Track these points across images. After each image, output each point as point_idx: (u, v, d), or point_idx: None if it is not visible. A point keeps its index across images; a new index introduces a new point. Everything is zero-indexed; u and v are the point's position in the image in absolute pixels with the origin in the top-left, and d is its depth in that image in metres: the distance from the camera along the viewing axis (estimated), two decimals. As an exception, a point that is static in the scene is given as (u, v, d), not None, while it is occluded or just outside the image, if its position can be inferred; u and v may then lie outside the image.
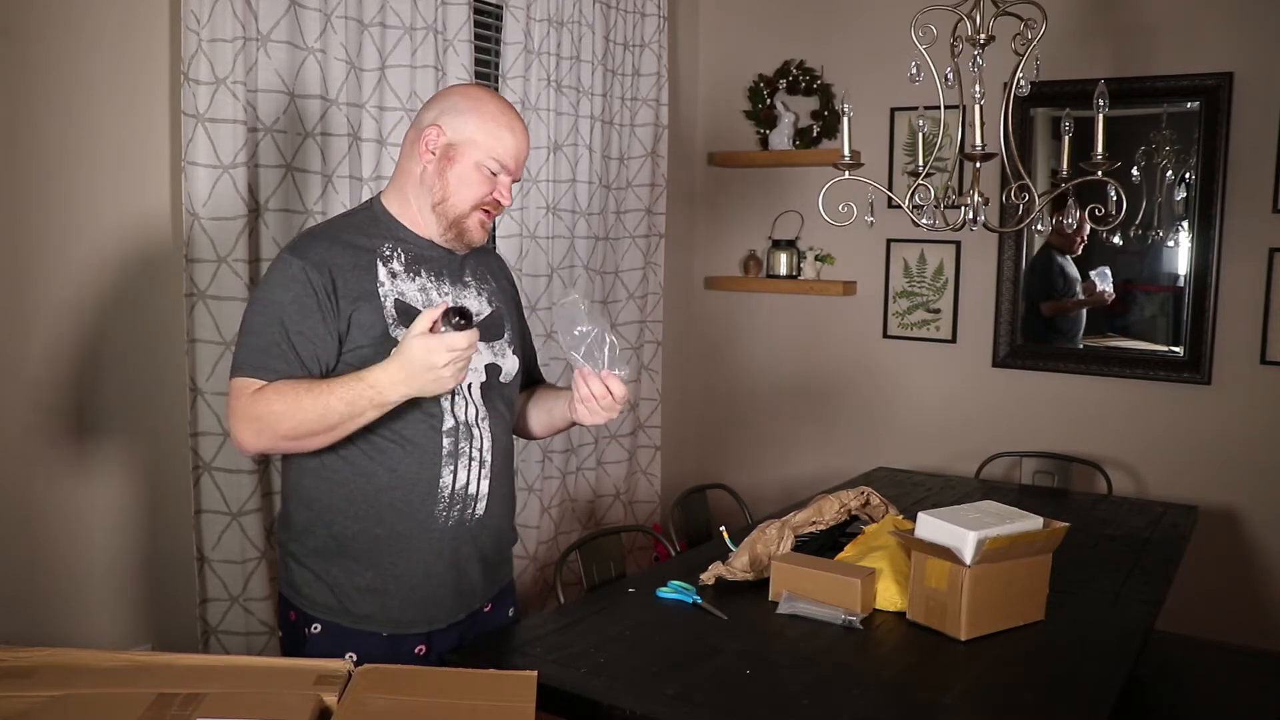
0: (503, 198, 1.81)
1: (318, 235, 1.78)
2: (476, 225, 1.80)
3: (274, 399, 1.63)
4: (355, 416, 1.64)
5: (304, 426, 1.63)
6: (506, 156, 1.78)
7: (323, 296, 1.69)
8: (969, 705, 1.75)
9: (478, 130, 1.77)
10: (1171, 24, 3.41)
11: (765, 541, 2.27)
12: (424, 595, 1.81)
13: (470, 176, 1.77)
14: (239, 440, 1.66)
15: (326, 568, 1.79)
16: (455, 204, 1.77)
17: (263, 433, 1.64)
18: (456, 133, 1.77)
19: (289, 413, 1.62)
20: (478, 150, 1.76)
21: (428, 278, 1.80)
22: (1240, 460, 3.40)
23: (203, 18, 2.37)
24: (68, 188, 2.27)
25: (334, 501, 1.77)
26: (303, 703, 1.37)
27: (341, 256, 1.73)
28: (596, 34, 3.56)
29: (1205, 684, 2.72)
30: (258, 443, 1.66)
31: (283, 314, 1.68)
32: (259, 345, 1.68)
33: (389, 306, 1.74)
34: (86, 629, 2.36)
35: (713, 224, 4.34)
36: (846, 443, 4.08)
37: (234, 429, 1.67)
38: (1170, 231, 3.49)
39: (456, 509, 1.81)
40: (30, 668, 1.43)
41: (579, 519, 3.74)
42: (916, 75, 2.33)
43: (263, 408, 1.63)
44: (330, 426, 1.64)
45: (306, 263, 1.70)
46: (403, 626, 1.81)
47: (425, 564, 1.80)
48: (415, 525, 1.78)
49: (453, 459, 1.79)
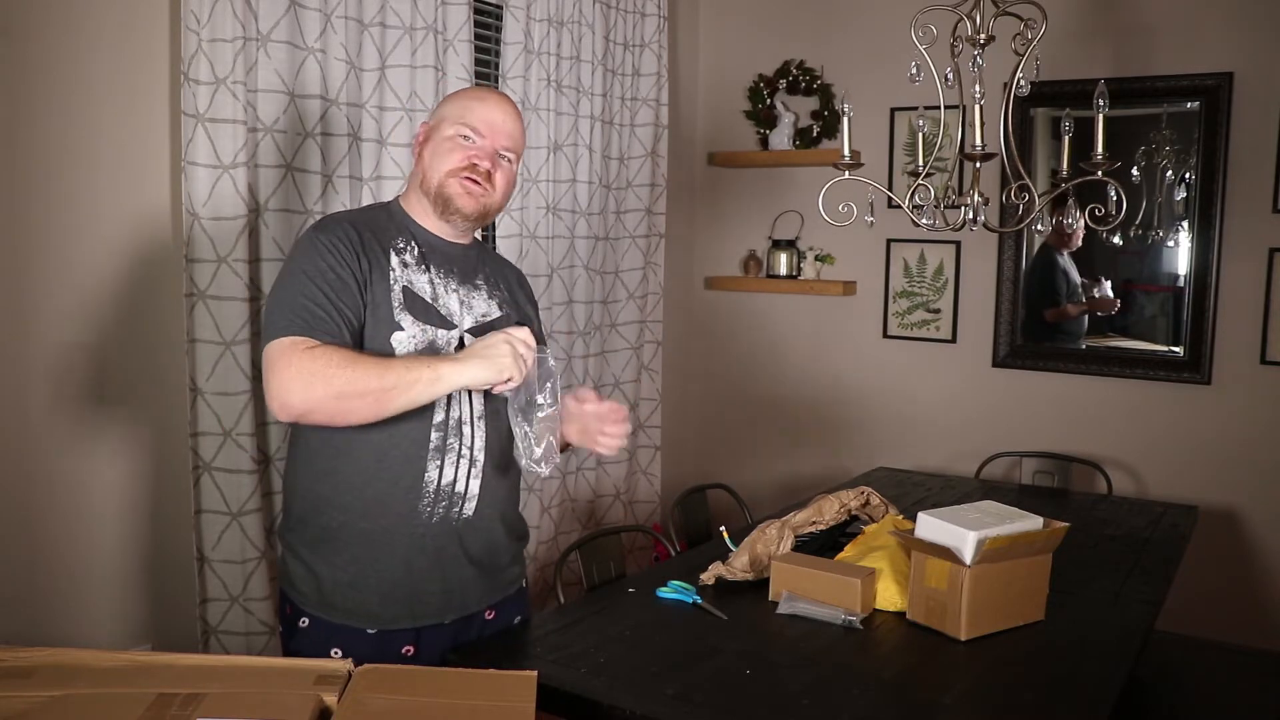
0: (479, 161, 1.82)
1: (339, 218, 1.83)
2: (460, 193, 1.82)
3: (334, 355, 1.62)
4: (410, 385, 1.63)
5: (358, 384, 1.60)
6: (476, 120, 1.83)
7: (353, 265, 1.73)
8: (969, 705, 1.75)
9: (448, 108, 1.87)
10: (1171, 24, 3.41)
11: (765, 541, 2.27)
12: (406, 592, 1.81)
13: (441, 147, 1.83)
14: (284, 395, 1.60)
15: (315, 560, 1.80)
16: (432, 175, 1.83)
17: (313, 386, 1.59)
18: (434, 118, 1.88)
19: (346, 368, 1.60)
20: (447, 124, 1.84)
21: (436, 273, 1.84)
22: (1240, 460, 3.40)
23: (203, 18, 2.37)
24: (68, 188, 2.27)
25: (324, 491, 1.79)
26: (303, 703, 1.37)
27: (362, 235, 1.78)
28: (596, 34, 3.56)
29: (1205, 684, 2.72)
30: (306, 396, 1.60)
31: (318, 280, 1.69)
32: (302, 306, 1.67)
33: (397, 291, 1.77)
34: (86, 629, 2.36)
35: (713, 224, 4.34)
36: (846, 443, 4.08)
37: (282, 383, 1.60)
38: (1170, 231, 3.49)
39: (442, 506, 1.80)
40: (30, 668, 1.43)
41: (579, 519, 3.74)
42: (916, 75, 2.33)
43: (320, 363, 1.60)
44: (384, 390, 1.62)
45: (334, 236, 1.74)
46: (386, 623, 1.80)
47: (407, 559, 1.79)
48: (398, 519, 1.78)
49: (440, 454, 1.79)
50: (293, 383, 1.60)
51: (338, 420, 1.66)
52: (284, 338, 1.64)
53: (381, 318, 1.74)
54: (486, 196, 1.84)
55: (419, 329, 1.78)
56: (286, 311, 1.67)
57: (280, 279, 1.75)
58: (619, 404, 1.89)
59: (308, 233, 1.79)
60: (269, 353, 1.65)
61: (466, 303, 1.86)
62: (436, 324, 1.80)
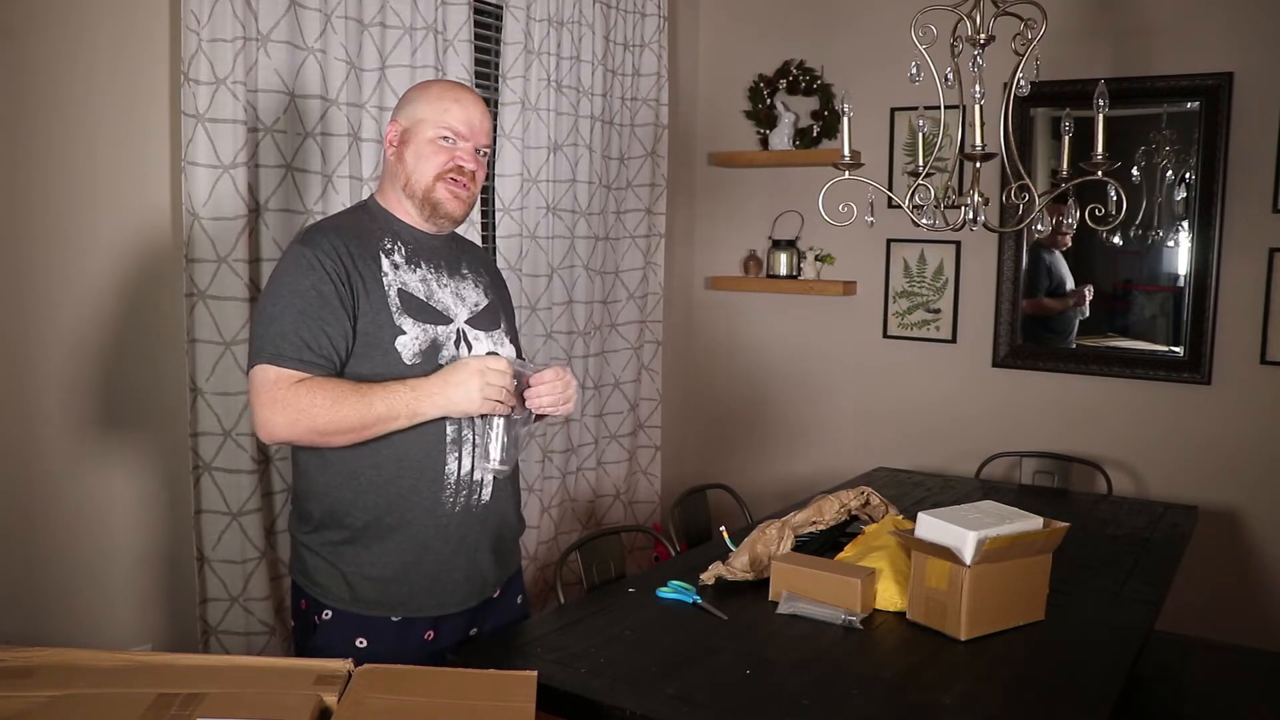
0: (464, 162, 1.86)
1: (324, 228, 1.83)
2: (447, 196, 1.86)
3: (318, 394, 1.68)
4: (390, 420, 1.72)
5: (341, 424, 1.69)
6: (456, 123, 1.85)
7: (339, 283, 1.75)
8: (969, 705, 1.75)
9: (424, 108, 1.87)
10: (1171, 24, 3.41)
11: (765, 541, 2.27)
12: (435, 581, 1.86)
13: (424, 150, 1.85)
14: (269, 427, 1.69)
15: (339, 556, 1.83)
16: (417, 180, 1.85)
17: (298, 424, 1.68)
18: (408, 118, 1.88)
19: (330, 410, 1.68)
20: (427, 126, 1.85)
21: (428, 269, 1.88)
22: (1240, 460, 3.40)
23: (203, 18, 2.37)
24: (68, 188, 2.27)
25: (344, 493, 1.81)
26: (303, 703, 1.37)
27: (349, 246, 1.79)
28: (596, 34, 3.56)
29: (1205, 684, 2.72)
30: (290, 433, 1.70)
31: (304, 302, 1.72)
32: (284, 333, 1.71)
33: (393, 295, 1.80)
34: (86, 629, 2.36)
35: (713, 224, 4.34)
36: (846, 443, 4.08)
37: (268, 416, 1.69)
38: (1170, 231, 3.49)
39: (463, 495, 1.85)
40: (30, 668, 1.44)
41: (579, 519, 3.74)
42: (916, 75, 2.33)
43: (305, 400, 1.68)
44: (365, 427, 1.71)
45: (320, 251, 1.76)
46: (413, 610, 1.86)
47: (435, 550, 1.85)
48: (424, 512, 1.83)
49: (456, 446, 1.83)
50: (278, 417, 1.69)
51: (320, 445, 1.75)
52: (270, 367, 1.70)
53: (383, 324, 1.77)
54: (470, 195, 1.89)
55: (420, 329, 1.81)
56: (274, 335, 1.72)
57: (268, 294, 1.77)
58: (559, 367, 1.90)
59: (294, 247, 1.79)
60: (254, 379, 1.72)
61: (459, 294, 1.91)
62: (435, 321, 1.84)
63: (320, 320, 1.72)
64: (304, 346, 1.71)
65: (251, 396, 1.73)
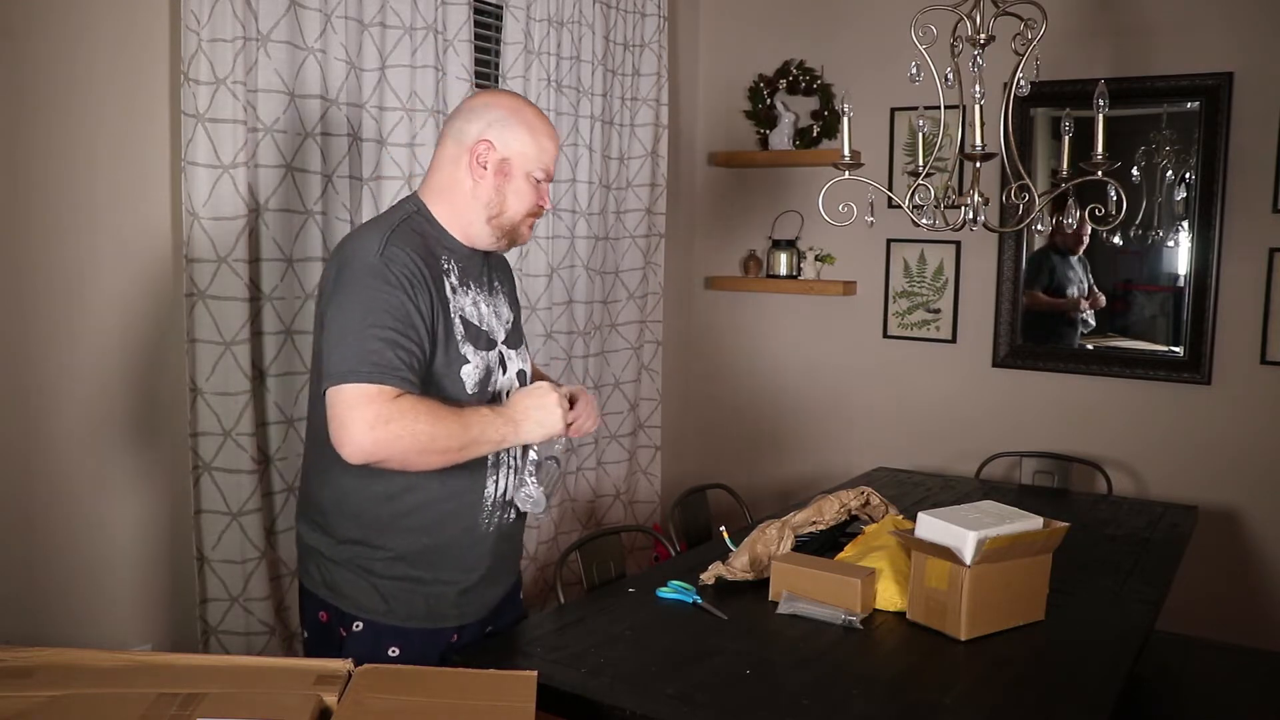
0: (545, 202, 1.89)
1: (403, 244, 1.73)
2: (528, 230, 1.90)
3: (421, 413, 1.62)
4: (480, 445, 1.71)
5: (435, 445, 1.64)
6: (551, 164, 1.87)
7: (423, 302, 1.71)
8: (969, 705, 1.75)
9: (527, 143, 1.83)
10: (1171, 24, 3.41)
11: (765, 541, 2.27)
12: (466, 594, 1.88)
13: (523, 188, 1.84)
14: (362, 442, 1.59)
15: (371, 573, 1.81)
16: (511, 215, 1.85)
17: (400, 439, 1.60)
18: (507, 147, 1.82)
19: (429, 430, 1.62)
20: (528, 162, 1.83)
21: (476, 290, 1.87)
22: (1240, 460, 3.40)
23: (203, 18, 2.37)
24: (68, 188, 2.27)
25: (382, 513, 1.79)
26: (303, 703, 1.37)
27: (423, 268, 1.73)
28: (596, 34, 3.56)
29: (1205, 684, 2.72)
30: (388, 451, 1.61)
31: (387, 318, 1.65)
32: (378, 349, 1.63)
33: (457, 323, 1.79)
34: (86, 629, 2.36)
35: (713, 224, 4.34)
36: (846, 443, 4.08)
37: (362, 430, 1.59)
38: (1170, 231, 3.48)
39: (496, 516, 1.88)
40: (30, 668, 1.44)
41: (579, 519, 3.74)
42: (916, 75, 2.33)
43: (409, 420, 1.60)
44: (462, 449, 1.68)
45: (402, 271, 1.69)
46: (447, 621, 1.88)
47: (469, 568, 1.87)
48: (462, 533, 1.84)
49: (495, 469, 1.86)
50: (376, 431, 1.59)
51: (405, 468, 1.68)
52: (364, 384, 1.61)
53: (451, 353, 1.77)
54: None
55: (479, 357, 1.81)
56: (361, 352, 1.62)
57: (346, 309, 1.67)
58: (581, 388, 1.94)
59: (376, 262, 1.69)
60: (345, 395, 1.61)
61: (496, 313, 1.91)
62: (487, 347, 1.84)
63: (408, 337, 1.67)
64: (394, 364, 1.63)
65: (342, 412, 1.60)
